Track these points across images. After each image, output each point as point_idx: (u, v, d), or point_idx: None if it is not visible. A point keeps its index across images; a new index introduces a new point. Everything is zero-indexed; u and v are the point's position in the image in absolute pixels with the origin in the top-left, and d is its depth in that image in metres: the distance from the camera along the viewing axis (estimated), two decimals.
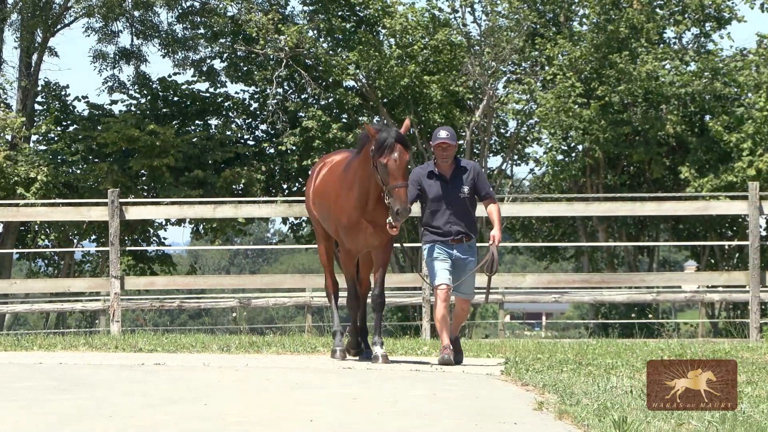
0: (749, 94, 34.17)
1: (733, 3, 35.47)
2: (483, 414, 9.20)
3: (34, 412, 8.88)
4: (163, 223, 36.15)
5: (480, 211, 13.93)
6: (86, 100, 36.64)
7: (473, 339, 24.55)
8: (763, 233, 34.30)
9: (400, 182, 12.76)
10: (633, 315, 33.46)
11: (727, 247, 35.59)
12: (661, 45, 35.00)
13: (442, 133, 13.23)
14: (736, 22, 35.64)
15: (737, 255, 35.62)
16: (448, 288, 13.17)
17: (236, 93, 37.61)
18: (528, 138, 36.63)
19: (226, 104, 36.74)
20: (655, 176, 34.80)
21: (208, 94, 36.69)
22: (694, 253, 39.83)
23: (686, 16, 35.27)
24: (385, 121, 12.08)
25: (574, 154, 35.25)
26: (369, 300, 14.15)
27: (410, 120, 13.41)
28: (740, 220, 33.53)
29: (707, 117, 34.15)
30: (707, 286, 29.62)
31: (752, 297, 19.52)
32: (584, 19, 35.78)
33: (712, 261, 36.40)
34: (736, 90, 34.31)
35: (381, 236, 13.29)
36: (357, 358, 13.79)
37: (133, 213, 21.78)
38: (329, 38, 35.26)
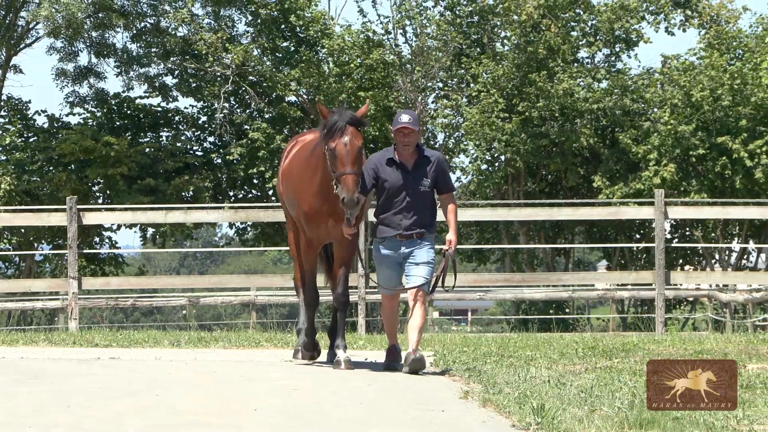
0: (655, 110, 34.39)
1: (640, 26, 35.73)
2: (414, 402, 9.23)
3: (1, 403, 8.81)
4: (117, 227, 35.89)
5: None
6: (46, 113, 36.42)
7: (404, 334, 24.54)
8: (668, 236, 34.57)
9: (348, 169, 10.72)
10: (551, 311, 33.59)
11: (635, 248, 35.80)
12: (576, 64, 35.19)
13: (404, 117, 11.18)
14: (643, 44, 35.90)
15: (644, 256, 35.86)
16: (395, 294, 11.52)
17: (186, 107, 37.52)
18: (455, 149, 36.70)
19: (177, 117, 36.56)
20: (570, 184, 34.96)
21: (160, 108, 36.50)
22: (606, 254, 40.03)
23: (598, 38, 35.47)
24: (345, 105, 9.86)
25: (497, 164, 35.33)
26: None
27: (369, 102, 11.43)
28: (647, 224, 33.76)
29: (617, 130, 34.37)
30: (617, 284, 29.78)
31: (658, 294, 19.70)
32: (506, 41, 35.89)
33: (622, 261, 36.60)
34: (643, 106, 34.52)
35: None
36: (312, 360, 12.10)
37: (90, 218, 21.67)
38: (272, 57, 35.18)
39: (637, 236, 35.54)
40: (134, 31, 35.62)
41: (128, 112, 36.26)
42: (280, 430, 7.78)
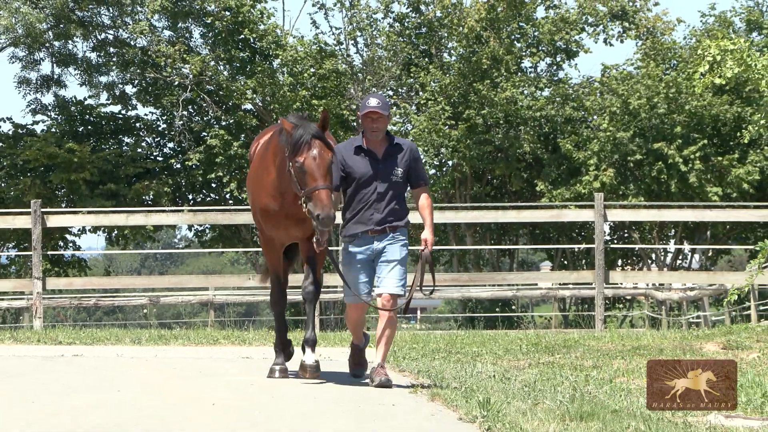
0: (595, 117, 34.63)
1: (580, 37, 35.94)
2: (365, 397, 9.23)
3: None
4: (80, 230, 35.72)
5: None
6: (11, 121, 36.19)
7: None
8: (607, 237, 34.78)
9: (321, 183, 9.44)
10: (496, 309, 33.71)
11: (576, 249, 35.99)
12: (519, 74, 35.34)
13: (372, 101, 9.66)
14: (583, 54, 36.14)
15: (585, 256, 36.07)
16: (364, 305, 9.87)
17: (146, 114, 37.31)
18: None
19: (137, 124, 36.41)
20: (515, 188, 35.11)
21: (120, 116, 36.35)
22: (548, 254, 40.27)
23: (540, 48, 35.66)
24: (305, 114, 8.53)
25: (444, 169, 35.44)
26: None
27: (327, 112, 9.85)
28: (587, 225, 33.94)
29: (559, 137, 34.55)
30: (559, 284, 29.95)
31: (597, 293, 19.77)
32: (452, 51, 36.03)
33: (564, 261, 36.80)
34: (583, 113, 34.73)
35: (304, 228, 10.02)
36: (285, 375, 10.43)
37: (54, 221, 21.51)
38: (229, 67, 35.10)
39: (579, 238, 35.73)
40: (95, 42, 35.42)
41: (90, 119, 36.08)
42: (237, 423, 7.77)
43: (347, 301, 9.87)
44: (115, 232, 35.17)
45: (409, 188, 10.09)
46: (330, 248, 10.00)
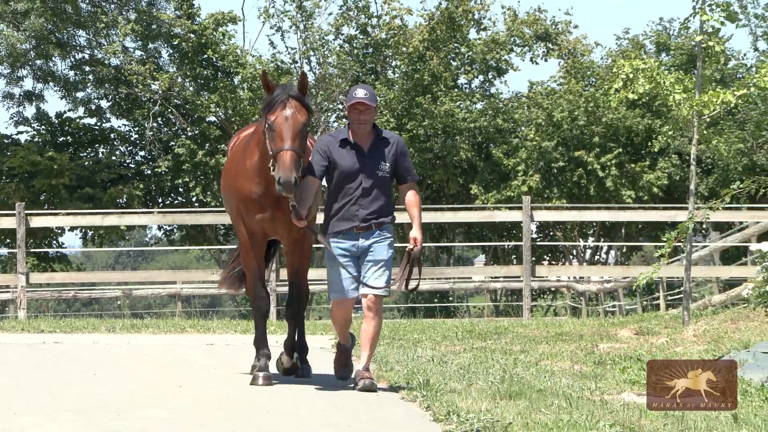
0: (522, 128, 34.82)
1: (509, 57, 36.10)
2: (317, 379, 9.24)
3: None
4: (59, 229, 35.45)
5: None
6: None
7: (310, 320, 24.51)
8: (534, 236, 34.97)
9: (287, 144, 8.09)
10: (435, 300, 33.79)
11: (506, 246, 36.15)
12: (456, 89, 35.45)
13: (359, 92, 8.45)
14: (512, 71, 36.31)
15: (514, 252, 36.23)
16: (350, 301, 8.53)
17: (119, 126, 37.02)
18: None
19: (112, 135, 36.18)
20: (452, 192, 35.21)
21: (96, 127, 36.10)
22: (482, 251, 40.36)
23: (474, 66, 35.79)
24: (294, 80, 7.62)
25: None
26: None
27: (305, 74, 8.73)
28: (516, 225, 34.10)
29: (491, 146, 34.68)
30: (491, 277, 30.07)
31: (525, 285, 19.86)
32: (396, 69, 36.07)
33: (496, 257, 36.95)
34: (512, 125, 34.91)
35: (291, 224, 8.47)
36: (269, 382, 8.67)
37: (36, 222, 21.33)
38: (194, 83, 34.92)
39: (509, 236, 35.89)
40: (72, 61, 35.19)
41: (69, 130, 35.86)
42: (201, 402, 7.77)
43: (333, 299, 8.52)
44: (92, 231, 34.96)
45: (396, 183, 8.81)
46: (316, 235, 8.76)
